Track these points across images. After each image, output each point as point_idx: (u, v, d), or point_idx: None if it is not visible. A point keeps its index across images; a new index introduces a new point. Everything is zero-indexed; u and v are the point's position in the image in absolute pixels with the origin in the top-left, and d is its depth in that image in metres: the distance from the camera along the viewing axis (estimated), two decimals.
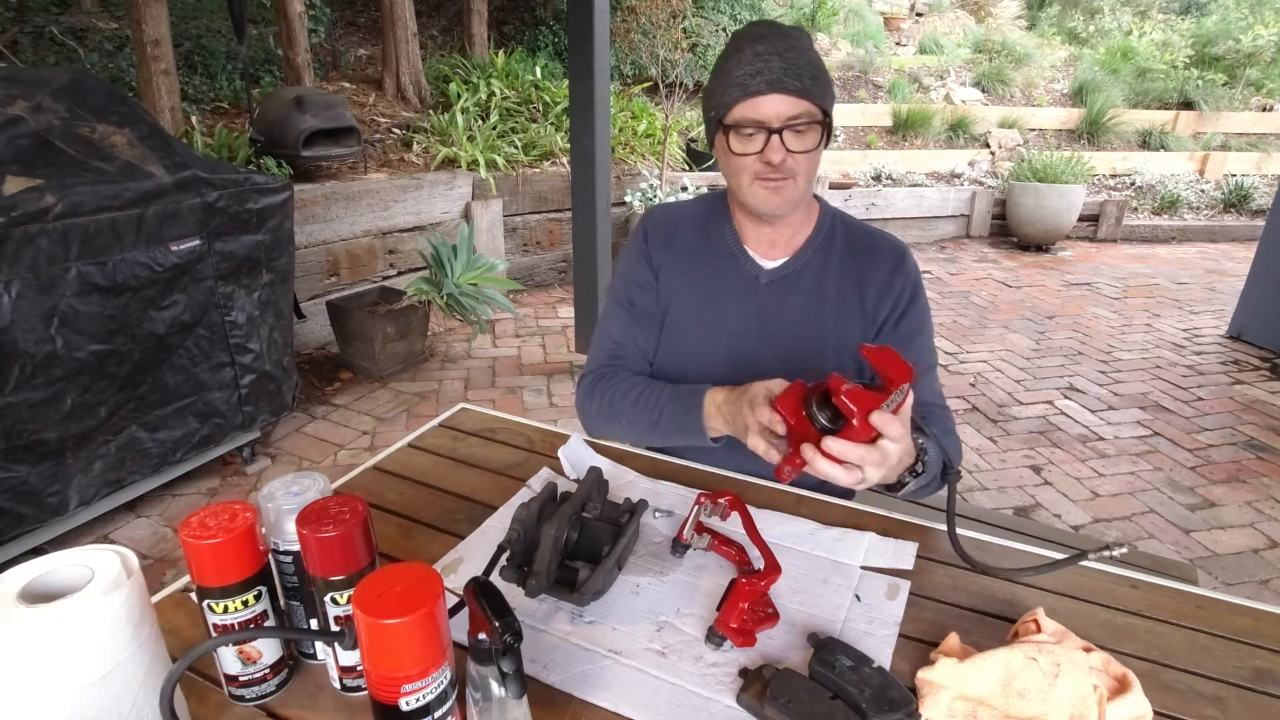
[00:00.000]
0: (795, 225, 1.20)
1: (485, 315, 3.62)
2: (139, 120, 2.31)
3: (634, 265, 1.26)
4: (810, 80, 1.04)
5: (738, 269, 1.22)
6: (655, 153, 5.47)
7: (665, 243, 1.25)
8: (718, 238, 1.23)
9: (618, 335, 1.26)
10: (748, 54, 1.04)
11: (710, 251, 1.23)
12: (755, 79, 1.03)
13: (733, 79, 1.05)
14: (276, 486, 0.77)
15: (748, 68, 1.04)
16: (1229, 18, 8.59)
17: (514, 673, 0.65)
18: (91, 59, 4.29)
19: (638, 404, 1.17)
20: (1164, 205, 7.07)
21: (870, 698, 0.72)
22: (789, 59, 1.03)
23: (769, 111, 1.04)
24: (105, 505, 2.30)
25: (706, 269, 1.23)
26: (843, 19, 8.79)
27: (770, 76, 1.03)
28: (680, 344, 1.24)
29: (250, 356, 2.57)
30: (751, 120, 1.05)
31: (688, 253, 1.24)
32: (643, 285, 1.25)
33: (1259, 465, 3.01)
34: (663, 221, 1.27)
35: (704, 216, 1.26)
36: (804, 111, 1.05)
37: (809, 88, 1.04)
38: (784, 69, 1.03)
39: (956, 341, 4.26)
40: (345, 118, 3.85)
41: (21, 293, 1.91)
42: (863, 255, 1.20)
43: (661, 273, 1.25)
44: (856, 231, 1.24)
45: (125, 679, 0.62)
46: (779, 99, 1.04)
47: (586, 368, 1.29)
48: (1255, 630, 0.90)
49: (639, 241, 1.27)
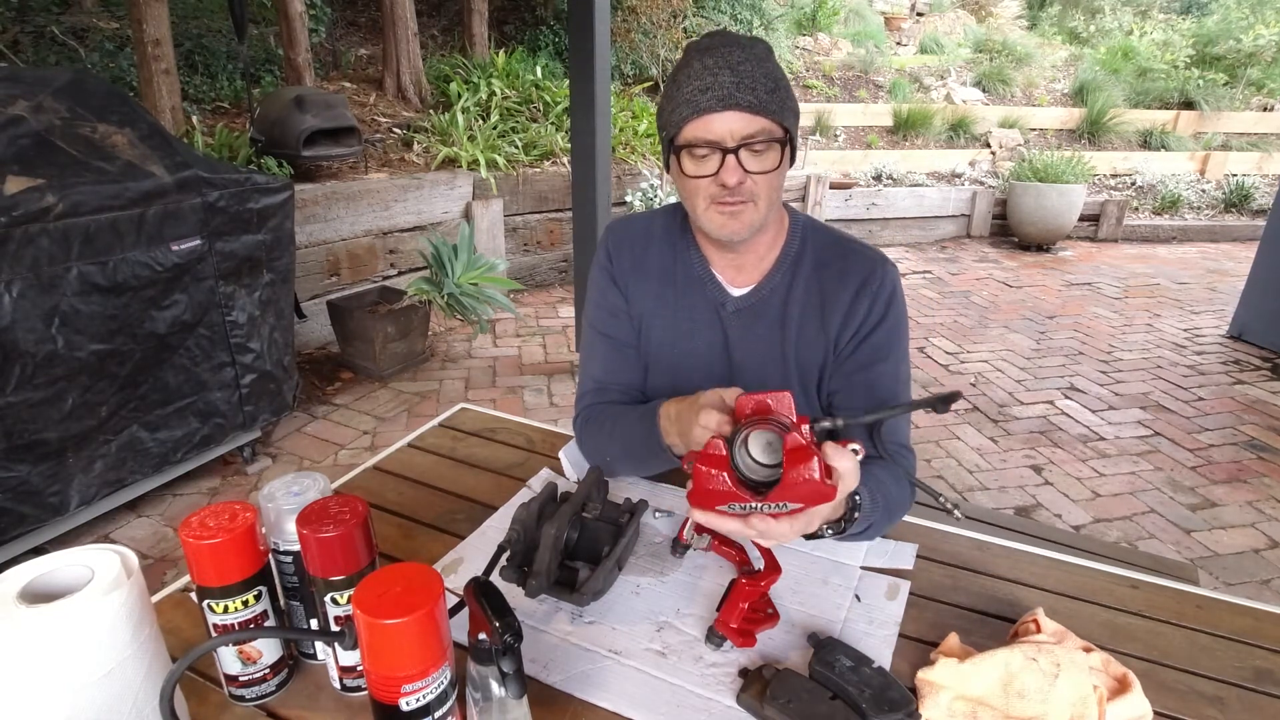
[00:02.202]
0: (761, 249, 1.10)
1: (486, 315, 3.62)
2: (140, 120, 2.31)
3: (604, 290, 1.18)
4: (766, 94, 0.95)
5: (705, 296, 1.13)
6: (655, 152, 5.47)
7: (634, 264, 1.16)
8: (685, 258, 1.14)
9: (599, 374, 1.19)
10: (696, 67, 0.95)
11: (679, 276, 1.14)
12: (705, 95, 0.94)
13: (682, 95, 0.96)
14: (277, 486, 0.77)
15: (697, 83, 0.95)
16: (1230, 17, 8.58)
17: (514, 673, 0.65)
18: (92, 59, 4.30)
19: (613, 439, 1.11)
20: (1165, 205, 7.06)
21: (870, 698, 0.72)
22: (742, 72, 0.94)
23: (722, 130, 0.95)
24: (106, 505, 2.30)
25: (676, 297, 1.14)
26: (843, 19, 8.79)
27: (721, 92, 0.94)
28: (658, 378, 1.17)
29: (251, 356, 2.58)
30: (704, 140, 0.96)
31: (657, 277, 1.15)
32: (616, 313, 1.17)
33: (1260, 465, 3.01)
34: (626, 238, 1.17)
35: (671, 233, 1.16)
36: (761, 129, 0.95)
37: (765, 103, 0.95)
38: (735, 83, 0.94)
39: (957, 341, 4.26)
40: (346, 117, 3.85)
41: (22, 292, 1.92)
42: (830, 273, 1.10)
43: (631, 296, 1.16)
44: (828, 247, 1.12)
45: (125, 679, 0.62)
46: (732, 116, 0.94)
47: (576, 405, 1.21)
48: (1255, 630, 0.90)
49: (604, 262, 1.17)
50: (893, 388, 1.08)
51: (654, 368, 1.17)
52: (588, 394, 1.19)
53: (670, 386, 1.14)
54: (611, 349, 1.18)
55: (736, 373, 1.13)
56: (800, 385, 1.12)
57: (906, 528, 1.09)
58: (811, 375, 1.12)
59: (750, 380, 1.12)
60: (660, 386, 1.16)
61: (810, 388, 1.12)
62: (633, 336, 1.17)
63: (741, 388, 0.98)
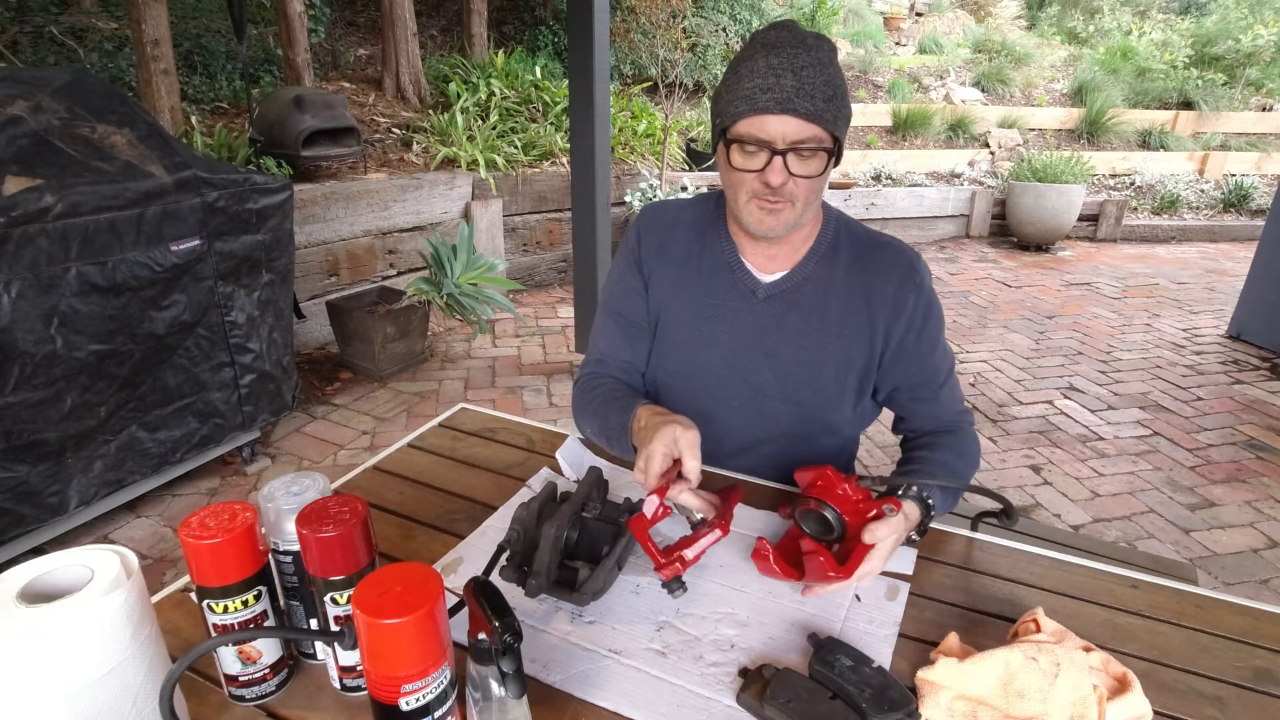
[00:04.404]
0: (796, 241, 1.13)
1: (485, 315, 3.62)
2: (139, 120, 2.31)
3: (625, 271, 1.21)
4: (824, 103, 0.96)
5: (734, 282, 1.15)
6: (655, 153, 5.47)
7: (659, 249, 1.19)
8: (714, 247, 1.16)
9: (604, 348, 1.24)
10: (760, 64, 0.96)
11: (705, 263, 1.17)
12: (764, 95, 0.95)
13: (741, 90, 0.97)
14: (276, 486, 0.77)
15: (759, 80, 0.96)
16: (1229, 17, 8.59)
17: (514, 673, 0.65)
18: (91, 59, 4.29)
19: (595, 416, 1.16)
20: (1164, 205, 7.07)
21: (870, 698, 0.72)
22: (804, 77, 0.95)
23: (775, 131, 0.96)
24: (105, 505, 2.30)
25: (701, 281, 1.16)
26: (843, 19, 8.79)
27: (780, 95, 0.94)
28: (673, 361, 1.20)
29: (250, 356, 2.57)
30: (755, 138, 0.97)
31: (682, 262, 1.18)
32: (632, 294, 1.20)
33: (1259, 465, 3.01)
34: (657, 224, 1.20)
35: (701, 221, 1.19)
36: (812, 136, 0.96)
37: (821, 111, 0.95)
38: (796, 88, 0.94)
39: (957, 341, 4.26)
40: (345, 118, 3.85)
41: (21, 293, 1.91)
42: (870, 267, 1.12)
43: (652, 281, 1.19)
44: (863, 240, 1.16)
45: (126, 679, 0.62)
46: (787, 120, 0.95)
47: (580, 370, 1.28)
48: (1255, 630, 0.90)
49: (632, 244, 1.21)
50: (950, 367, 1.20)
51: (670, 351, 1.20)
52: (590, 364, 1.26)
53: (686, 369, 1.19)
54: (619, 328, 1.23)
55: (768, 360, 1.16)
56: (836, 376, 1.15)
57: None
58: (852, 366, 1.15)
59: (784, 367, 1.16)
60: (677, 369, 1.21)
61: (847, 379, 1.16)
62: (644, 318, 1.21)
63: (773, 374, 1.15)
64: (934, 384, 1.18)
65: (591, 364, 1.26)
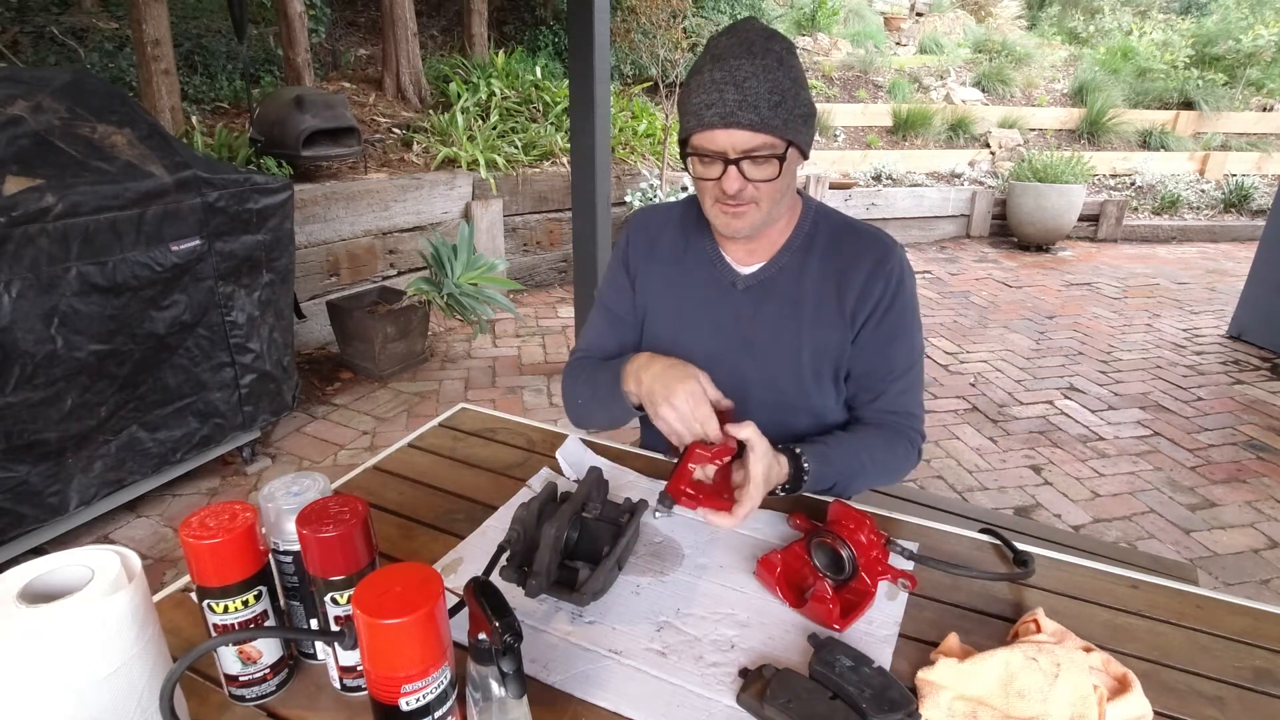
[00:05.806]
0: (774, 235, 1.17)
1: (485, 315, 3.62)
2: (139, 120, 2.31)
3: (615, 270, 1.28)
4: (769, 110, 0.97)
5: (715, 276, 1.19)
6: (655, 153, 5.47)
7: (647, 250, 1.25)
8: (697, 243, 1.22)
9: (591, 339, 1.31)
10: (706, 78, 0.99)
11: (689, 259, 1.22)
12: (709, 111, 0.98)
13: (690, 105, 1.01)
14: (276, 486, 0.77)
15: (704, 96, 0.98)
16: (1229, 17, 8.59)
17: (514, 673, 0.65)
18: (91, 59, 4.29)
19: (586, 383, 1.22)
20: (1164, 205, 7.07)
21: (870, 698, 0.72)
22: (747, 89, 0.96)
23: (724, 143, 0.99)
24: (105, 505, 2.30)
25: (685, 277, 1.22)
26: (843, 19, 8.79)
27: (724, 109, 0.97)
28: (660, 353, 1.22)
29: (250, 356, 2.57)
30: (707, 150, 1.01)
31: (667, 260, 1.23)
32: (619, 290, 1.27)
33: (1259, 465, 3.01)
34: (646, 225, 1.27)
35: (686, 220, 1.24)
36: (762, 144, 0.99)
37: (766, 120, 0.97)
38: (739, 101, 0.96)
39: (956, 341, 4.26)
40: (345, 118, 3.85)
41: (22, 293, 1.91)
42: (844, 255, 1.15)
43: (639, 279, 1.25)
44: (840, 230, 1.18)
45: (130, 679, 0.62)
46: (734, 132, 0.98)
47: (569, 358, 1.34)
48: (1255, 630, 0.90)
49: (622, 245, 1.28)
50: (909, 364, 1.18)
51: (656, 344, 1.24)
52: (578, 352, 1.33)
53: None
54: (606, 322, 1.29)
55: (746, 350, 1.18)
56: (812, 364, 1.17)
57: (907, 528, 1.09)
58: (827, 354, 1.17)
59: (763, 355, 1.18)
60: None
61: (823, 367, 1.17)
62: (630, 312, 1.27)
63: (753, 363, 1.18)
64: (886, 377, 1.17)
65: (579, 352, 1.33)
